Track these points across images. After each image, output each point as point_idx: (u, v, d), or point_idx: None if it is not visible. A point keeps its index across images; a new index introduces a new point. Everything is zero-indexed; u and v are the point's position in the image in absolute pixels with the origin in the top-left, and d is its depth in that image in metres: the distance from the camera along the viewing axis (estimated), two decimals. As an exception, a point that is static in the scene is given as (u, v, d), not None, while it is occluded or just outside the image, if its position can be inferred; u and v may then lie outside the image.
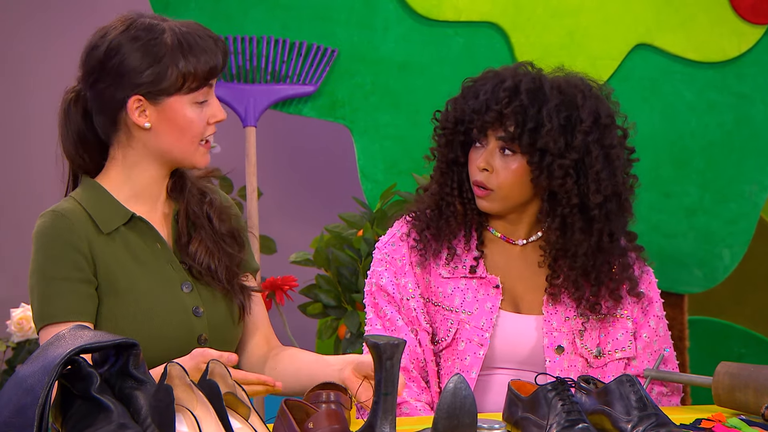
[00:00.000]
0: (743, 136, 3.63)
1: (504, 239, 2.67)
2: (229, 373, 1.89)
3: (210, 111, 2.34)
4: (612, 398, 2.13)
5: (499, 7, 3.51)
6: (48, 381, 1.71)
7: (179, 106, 2.31)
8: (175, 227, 2.41)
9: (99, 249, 2.32)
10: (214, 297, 2.39)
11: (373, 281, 2.64)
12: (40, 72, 4.10)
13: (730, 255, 3.64)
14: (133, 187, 2.38)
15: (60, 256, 2.30)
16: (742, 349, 3.93)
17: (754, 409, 2.38)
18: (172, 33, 2.29)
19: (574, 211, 2.58)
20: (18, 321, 3.64)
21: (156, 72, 2.28)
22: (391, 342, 1.83)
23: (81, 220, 2.33)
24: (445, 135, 2.64)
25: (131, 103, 2.30)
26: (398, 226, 2.68)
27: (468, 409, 1.84)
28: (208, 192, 2.46)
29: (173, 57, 2.28)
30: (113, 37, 2.31)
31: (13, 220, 4.11)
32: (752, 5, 3.58)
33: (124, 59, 2.29)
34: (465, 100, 2.62)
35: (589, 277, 2.60)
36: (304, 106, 3.48)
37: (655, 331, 2.68)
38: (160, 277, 2.35)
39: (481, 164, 2.59)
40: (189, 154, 2.34)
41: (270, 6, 3.44)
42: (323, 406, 1.97)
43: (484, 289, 2.60)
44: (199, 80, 2.30)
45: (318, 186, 4.23)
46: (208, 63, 2.30)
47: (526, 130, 2.55)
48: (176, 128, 2.32)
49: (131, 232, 2.36)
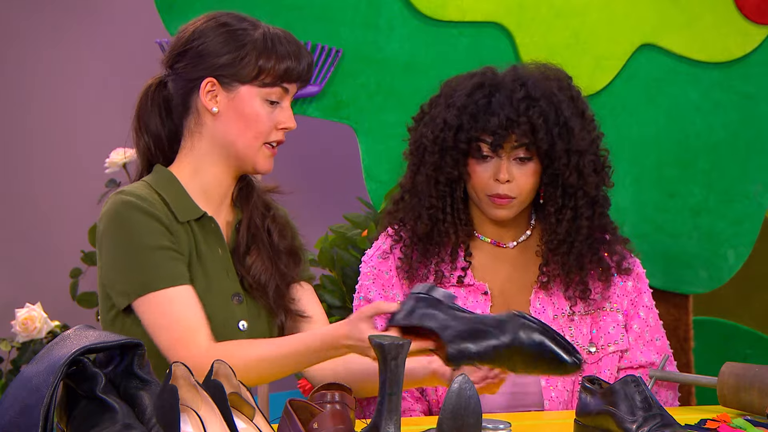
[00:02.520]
0: (748, 136, 3.62)
1: (494, 243, 2.66)
2: (233, 373, 1.89)
3: (281, 115, 2.36)
4: (617, 399, 2.13)
5: (503, 7, 3.51)
6: (53, 381, 1.71)
7: (249, 97, 2.33)
8: (234, 236, 2.41)
9: (175, 234, 2.32)
10: (258, 312, 2.40)
11: (361, 296, 2.64)
12: (40, 72, 4.11)
13: (735, 255, 3.63)
14: (202, 183, 2.38)
15: (149, 227, 2.29)
16: (747, 350, 3.93)
17: (759, 410, 2.37)
18: (262, 30, 2.35)
19: (586, 202, 2.59)
20: (23, 321, 3.64)
21: (234, 57, 2.32)
22: (396, 342, 1.83)
23: (158, 203, 2.33)
24: (446, 152, 2.59)
25: (204, 85, 2.33)
26: (383, 239, 2.68)
27: (473, 409, 1.84)
28: (272, 207, 2.47)
29: (254, 48, 2.32)
30: (201, 24, 2.36)
31: (15, 221, 4.12)
32: (757, 5, 3.58)
33: (206, 41, 2.34)
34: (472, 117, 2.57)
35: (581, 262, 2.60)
36: (308, 107, 3.49)
37: (646, 321, 2.68)
38: (216, 284, 2.35)
39: (504, 176, 2.56)
40: (252, 151, 2.35)
41: (274, 6, 3.43)
42: (328, 407, 1.97)
43: (473, 297, 2.60)
44: (273, 77, 2.32)
45: (322, 186, 4.23)
46: (287, 64, 2.33)
47: (554, 135, 2.55)
48: (242, 119, 2.33)
49: (200, 230, 2.36)
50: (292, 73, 2.34)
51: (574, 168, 2.58)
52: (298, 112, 3.49)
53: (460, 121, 2.58)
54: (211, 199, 2.39)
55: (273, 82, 2.33)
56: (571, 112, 2.58)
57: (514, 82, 2.59)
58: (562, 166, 2.57)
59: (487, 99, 2.58)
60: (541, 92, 2.56)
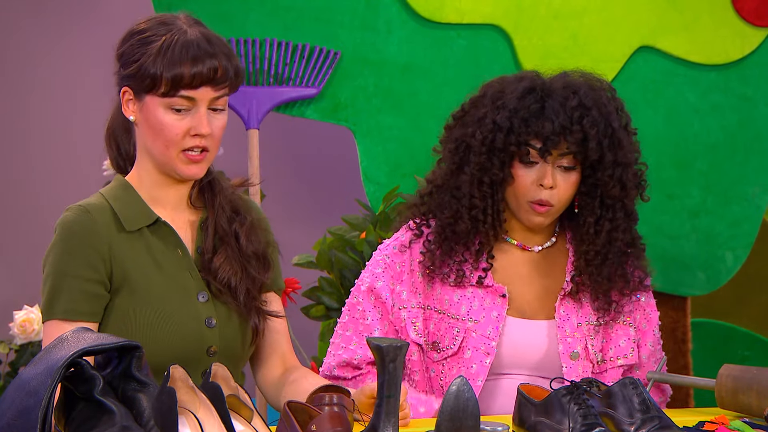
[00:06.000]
0: (746, 138, 3.63)
1: (520, 246, 2.65)
2: (231, 375, 1.89)
3: (192, 122, 2.31)
4: (615, 401, 2.13)
5: (501, 10, 3.51)
6: (51, 383, 1.71)
7: (153, 107, 2.31)
8: (200, 236, 2.41)
9: (119, 247, 2.33)
10: (229, 313, 2.39)
11: (368, 282, 2.62)
12: (40, 72, 4.11)
13: (733, 257, 3.63)
14: (148, 190, 2.38)
15: (75, 253, 2.31)
16: (746, 352, 3.93)
17: (757, 412, 2.37)
18: (165, 37, 2.30)
19: (624, 215, 2.60)
20: (21, 323, 3.63)
21: (137, 67, 2.29)
22: (395, 344, 1.83)
23: (105, 217, 2.34)
24: (493, 154, 2.57)
25: (122, 94, 2.34)
26: (403, 231, 2.66)
27: (471, 411, 1.84)
28: (240, 209, 2.45)
29: (150, 57, 2.28)
30: (133, 27, 2.35)
31: (14, 223, 4.12)
32: (755, 7, 3.58)
33: (123, 50, 2.33)
34: (524, 121, 2.55)
35: (612, 274, 2.61)
36: (306, 109, 3.49)
37: (657, 338, 2.69)
38: (177, 284, 2.35)
39: (549, 182, 2.55)
40: (167, 159, 2.33)
41: (272, 8, 3.44)
42: (326, 409, 1.97)
43: (490, 298, 2.59)
44: (167, 86, 2.28)
45: (321, 188, 4.23)
46: (176, 71, 2.27)
47: (604, 147, 2.54)
48: (152, 129, 2.32)
49: (154, 235, 2.36)
50: (182, 80, 2.28)
51: (618, 180, 2.57)
52: (296, 114, 3.50)
53: (510, 123, 2.55)
54: (162, 203, 2.39)
55: (167, 92, 2.29)
56: (618, 124, 2.58)
57: (565, 89, 2.57)
58: (606, 177, 2.56)
59: (540, 104, 2.56)
60: (593, 102, 2.55)
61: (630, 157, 2.59)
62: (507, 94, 2.58)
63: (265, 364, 2.48)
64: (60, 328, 2.23)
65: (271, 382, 2.46)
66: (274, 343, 2.48)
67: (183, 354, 2.29)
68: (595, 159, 2.54)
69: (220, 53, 2.31)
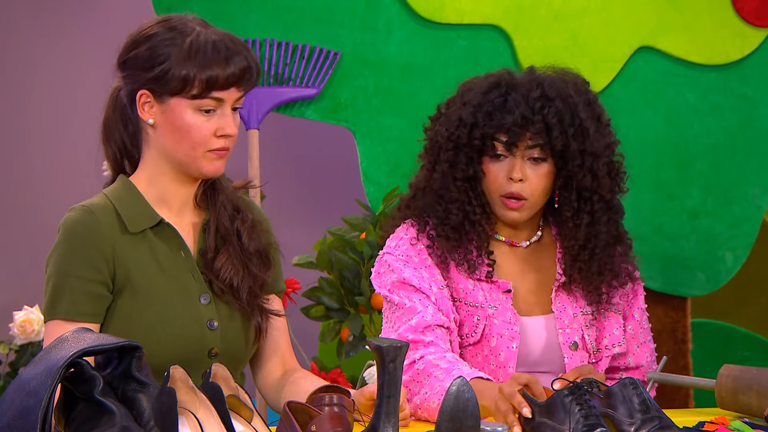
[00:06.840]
0: (746, 138, 3.63)
1: (508, 243, 2.66)
2: (231, 375, 1.89)
3: (219, 122, 2.31)
4: (615, 401, 2.13)
5: (501, 10, 3.51)
6: (51, 384, 1.71)
7: (179, 109, 2.30)
8: (202, 238, 2.40)
9: (122, 248, 2.33)
10: (232, 314, 2.39)
11: (393, 276, 2.57)
12: (40, 72, 4.11)
13: (732, 258, 3.64)
14: (158, 191, 2.37)
15: (78, 253, 2.30)
16: (746, 352, 3.93)
17: (757, 412, 2.37)
18: (190, 39, 2.29)
19: (602, 206, 2.60)
20: (21, 324, 3.64)
21: (160, 71, 2.28)
22: (394, 345, 1.83)
23: (108, 218, 2.34)
24: (460, 149, 2.58)
25: (138, 97, 2.32)
26: (404, 229, 2.66)
27: (471, 411, 1.84)
28: (241, 208, 2.45)
29: (178, 59, 2.27)
30: (143, 30, 2.33)
31: (14, 224, 4.12)
32: (755, 8, 3.58)
33: (138, 53, 2.30)
34: (487, 115, 2.56)
35: (601, 268, 2.61)
36: (306, 109, 3.49)
37: (640, 323, 2.70)
38: (180, 286, 2.35)
39: (517, 175, 2.55)
40: (192, 160, 2.32)
41: (272, 8, 3.44)
42: (326, 409, 1.97)
43: (495, 293, 2.59)
44: (199, 88, 2.28)
45: (321, 188, 4.23)
46: (209, 73, 2.27)
47: (569, 136, 2.54)
48: (176, 131, 2.31)
49: (157, 236, 2.36)
50: (216, 81, 2.28)
51: (588, 170, 2.57)
52: (296, 115, 3.50)
53: (474, 118, 2.57)
54: (169, 204, 2.38)
55: (200, 94, 2.28)
56: (586, 115, 2.58)
57: (530, 82, 2.59)
58: (576, 167, 2.56)
59: (503, 98, 2.57)
60: (556, 92, 2.56)
61: (599, 146, 2.58)
62: (474, 90, 2.61)
63: (265, 366, 2.49)
64: (62, 329, 2.22)
65: (270, 384, 2.47)
66: (274, 343, 2.48)
67: (184, 356, 2.29)
68: (561, 149, 2.55)
69: (246, 52, 2.32)
